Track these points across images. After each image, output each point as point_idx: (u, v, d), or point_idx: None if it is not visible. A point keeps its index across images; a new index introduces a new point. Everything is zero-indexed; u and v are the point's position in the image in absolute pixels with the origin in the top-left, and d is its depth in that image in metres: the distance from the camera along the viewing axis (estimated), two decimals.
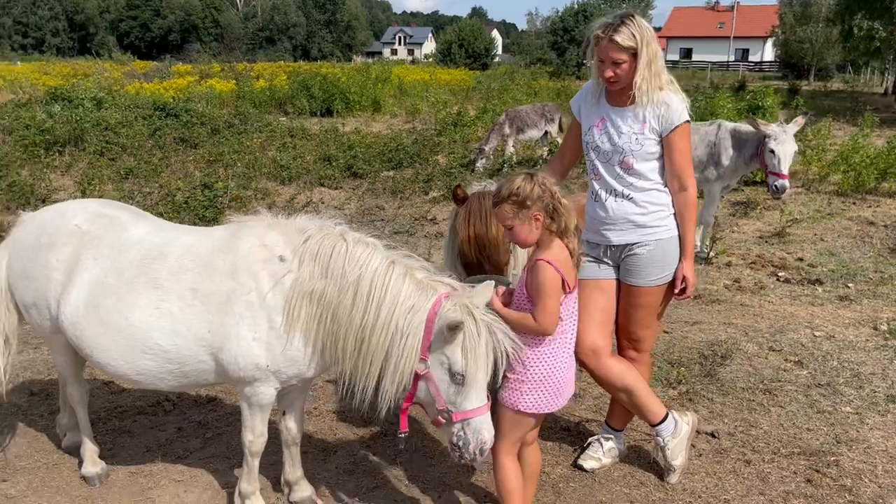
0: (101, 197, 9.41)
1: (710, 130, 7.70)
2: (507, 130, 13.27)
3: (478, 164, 12.64)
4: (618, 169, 3.43)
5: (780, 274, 7.37)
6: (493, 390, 2.99)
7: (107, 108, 15.68)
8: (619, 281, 3.55)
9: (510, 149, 13.32)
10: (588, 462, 3.87)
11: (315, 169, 12.31)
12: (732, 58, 68.05)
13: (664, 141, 3.36)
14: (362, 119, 21.22)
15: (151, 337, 3.11)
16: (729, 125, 7.69)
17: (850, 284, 7.02)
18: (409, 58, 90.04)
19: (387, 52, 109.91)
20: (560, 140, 12.08)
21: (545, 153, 13.61)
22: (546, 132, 13.61)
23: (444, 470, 3.87)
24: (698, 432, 4.20)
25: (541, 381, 2.96)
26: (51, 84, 21.51)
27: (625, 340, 3.67)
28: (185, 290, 3.11)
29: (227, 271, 3.07)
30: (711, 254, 7.78)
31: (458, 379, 2.79)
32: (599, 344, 3.46)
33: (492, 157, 12.93)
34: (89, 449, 3.72)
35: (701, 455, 4.03)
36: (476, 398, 2.81)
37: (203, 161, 12.49)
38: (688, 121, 3.36)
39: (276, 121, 18.02)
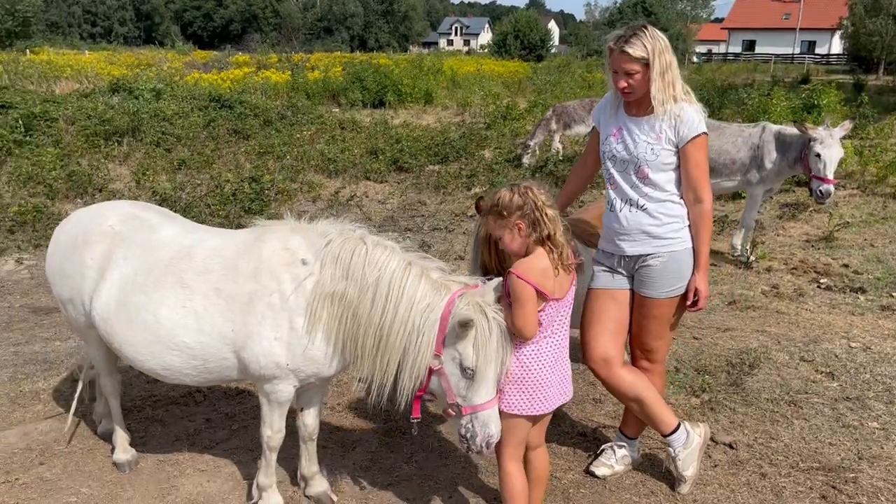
0: (153, 188, 9.77)
1: (754, 133, 7.54)
2: (553, 126, 13.20)
3: (524, 161, 12.63)
4: (634, 178, 3.45)
5: (821, 280, 7.20)
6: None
7: (164, 100, 16.14)
8: (632, 291, 3.58)
9: (556, 145, 13.26)
10: (600, 469, 3.90)
11: (362, 162, 12.49)
12: (798, 50, 65.59)
13: (680, 152, 3.37)
14: (414, 111, 21.36)
15: (177, 334, 3.27)
16: (773, 128, 7.52)
17: (894, 293, 6.82)
18: (465, 48, 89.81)
19: (443, 42, 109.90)
20: None
21: None
22: (593, 128, 13.46)
23: (457, 470, 3.96)
24: (715, 442, 4.19)
25: (519, 381, 3.00)
26: (115, 74, 22.20)
27: (638, 351, 3.69)
28: (210, 289, 3.26)
29: (250, 273, 3.21)
30: (752, 258, 7.64)
31: (468, 374, 2.90)
32: (611, 353, 3.50)
33: (538, 152, 12.89)
34: (121, 437, 3.93)
35: (716, 466, 4.01)
36: (485, 393, 2.91)
37: (254, 153, 12.78)
38: (704, 133, 3.35)
39: (329, 112, 18.27)
